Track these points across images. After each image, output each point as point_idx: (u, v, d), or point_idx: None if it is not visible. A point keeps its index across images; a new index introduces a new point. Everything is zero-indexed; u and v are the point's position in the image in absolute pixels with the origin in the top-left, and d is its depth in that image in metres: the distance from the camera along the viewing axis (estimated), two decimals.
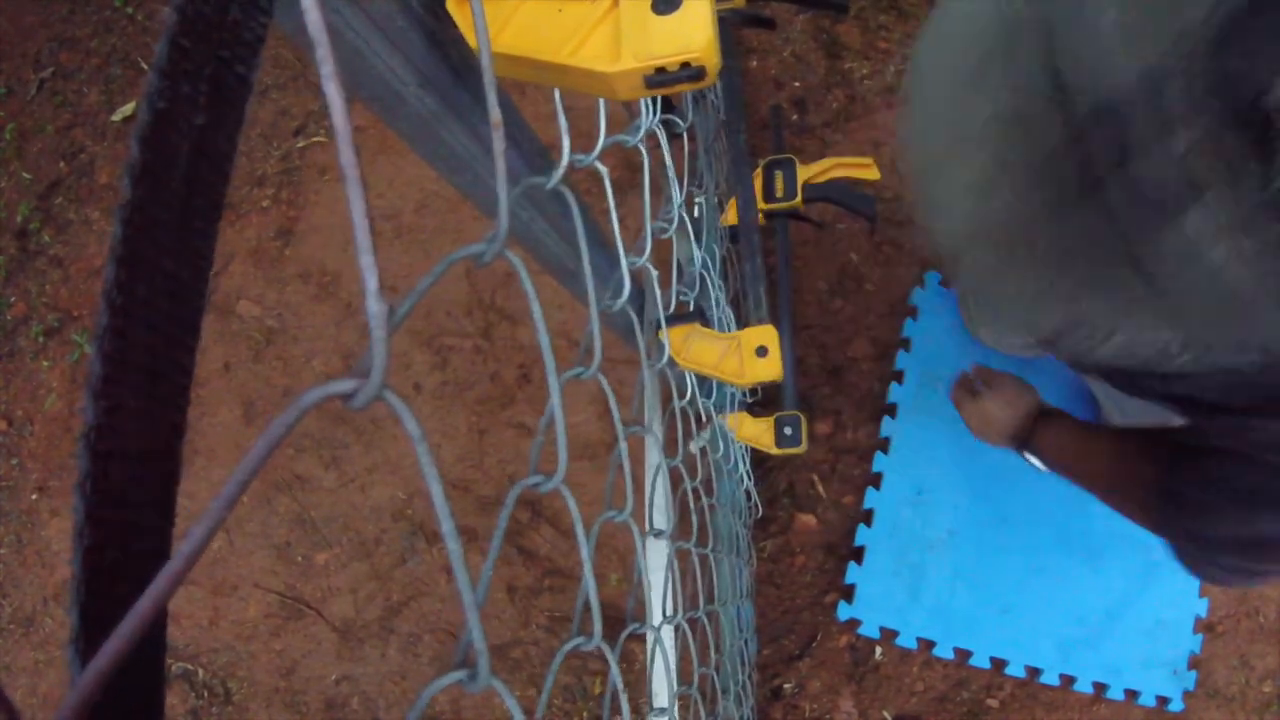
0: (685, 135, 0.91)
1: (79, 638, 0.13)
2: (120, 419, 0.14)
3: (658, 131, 0.52)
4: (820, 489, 1.42)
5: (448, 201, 1.63)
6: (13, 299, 1.76)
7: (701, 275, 0.78)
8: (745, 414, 0.94)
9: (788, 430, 0.89)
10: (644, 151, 0.50)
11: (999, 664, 1.31)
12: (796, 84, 1.60)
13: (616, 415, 0.42)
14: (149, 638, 0.14)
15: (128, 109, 1.83)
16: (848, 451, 1.43)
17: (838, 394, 1.45)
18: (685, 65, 0.28)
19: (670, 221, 0.62)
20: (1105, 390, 1.28)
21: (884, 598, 1.33)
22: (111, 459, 0.14)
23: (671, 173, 0.59)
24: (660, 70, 0.28)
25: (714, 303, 0.83)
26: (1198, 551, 0.69)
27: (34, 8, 1.93)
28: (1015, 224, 0.43)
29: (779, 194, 0.96)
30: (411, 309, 0.21)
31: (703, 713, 0.63)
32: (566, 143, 0.38)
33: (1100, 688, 1.29)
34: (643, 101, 0.51)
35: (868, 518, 1.37)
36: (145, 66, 1.84)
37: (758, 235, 0.84)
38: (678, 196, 0.63)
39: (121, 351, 0.14)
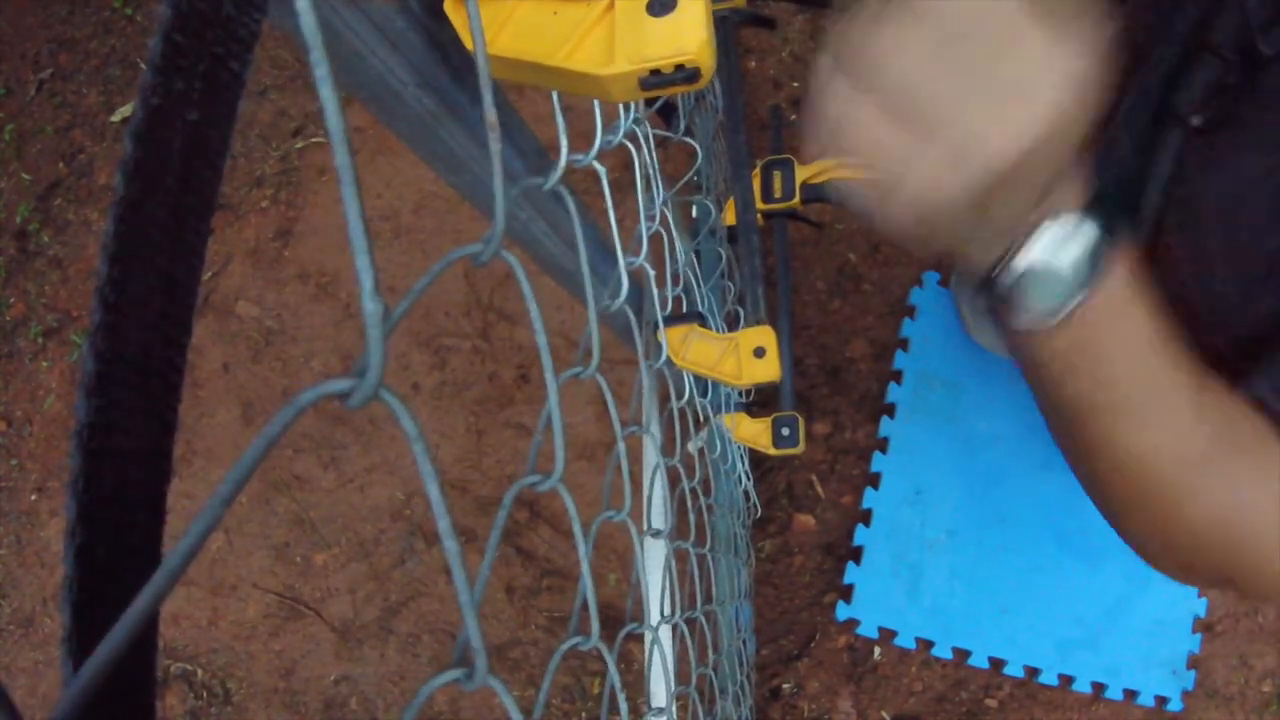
0: (685, 135, 0.90)
1: (71, 636, 0.13)
2: (113, 416, 0.14)
3: (637, 131, 0.52)
4: (819, 489, 1.42)
5: (446, 202, 1.63)
6: (12, 300, 1.76)
7: (686, 273, 0.78)
8: (743, 414, 0.94)
9: (785, 431, 0.89)
10: (633, 151, 0.50)
11: (997, 664, 1.31)
12: (795, 84, 1.60)
13: (615, 415, 0.42)
14: (142, 638, 0.14)
15: (127, 110, 1.83)
16: (846, 452, 1.43)
17: (836, 394, 1.45)
18: (680, 67, 0.28)
19: (653, 219, 0.62)
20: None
21: (882, 598, 1.33)
22: (104, 457, 0.14)
23: (653, 171, 0.59)
24: (655, 72, 0.28)
25: (699, 299, 0.83)
26: None
27: (33, 9, 1.93)
28: None
29: (777, 194, 0.96)
30: (408, 309, 0.21)
31: (701, 713, 0.63)
32: (564, 143, 0.38)
33: (1099, 687, 1.29)
34: (628, 102, 0.51)
35: (866, 518, 1.37)
36: (144, 67, 1.84)
37: (756, 235, 0.84)
38: (658, 195, 0.63)
39: (115, 349, 0.14)
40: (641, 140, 0.53)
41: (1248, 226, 0.50)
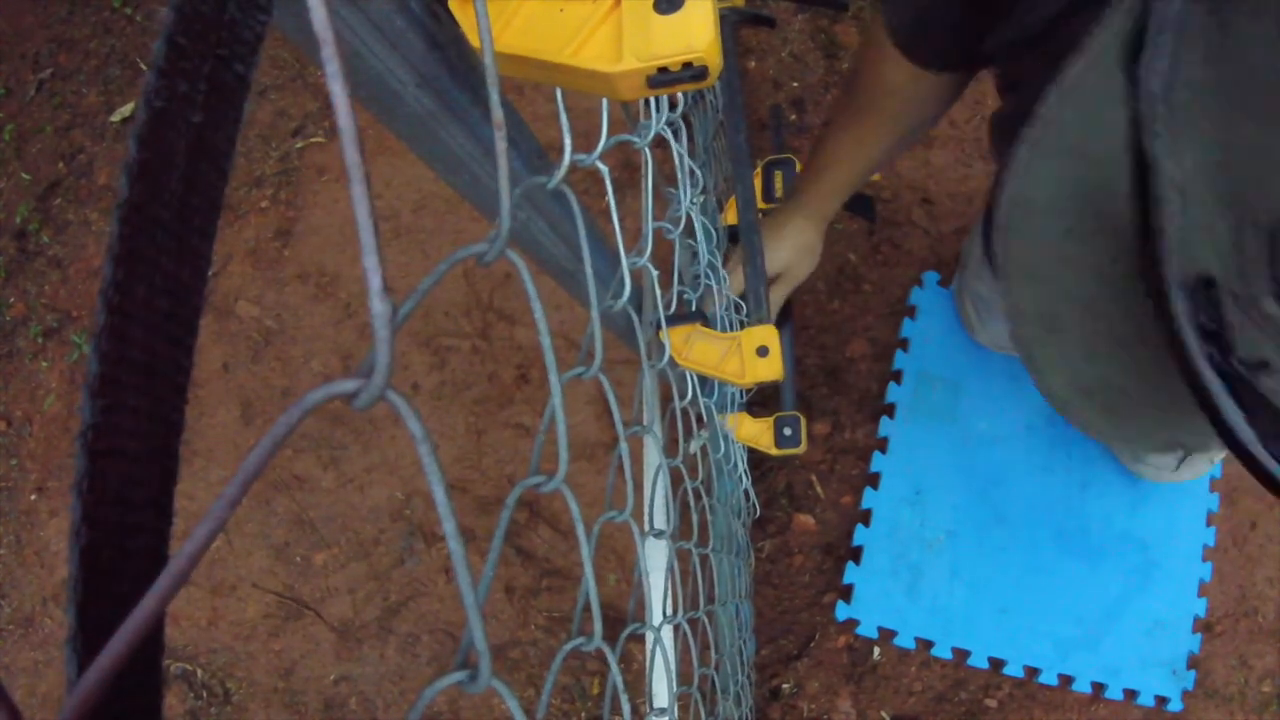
0: (686, 134, 0.91)
1: (77, 636, 0.13)
2: (118, 418, 0.14)
3: (666, 134, 0.51)
4: (818, 489, 1.42)
5: (446, 202, 1.63)
6: (12, 300, 1.76)
7: (707, 273, 0.78)
8: (744, 414, 0.94)
9: (787, 431, 0.89)
10: (646, 152, 0.50)
11: (997, 664, 1.31)
12: (795, 84, 1.60)
13: (617, 415, 0.42)
14: (148, 637, 0.14)
15: (127, 110, 1.83)
16: (846, 452, 1.43)
17: (836, 394, 1.45)
18: (688, 65, 0.28)
19: (677, 222, 0.62)
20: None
21: (882, 598, 1.33)
22: (109, 458, 0.14)
23: (688, 168, 0.59)
24: (663, 70, 0.28)
25: (718, 304, 0.83)
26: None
27: (33, 8, 1.93)
28: (1115, 384, 0.48)
29: (779, 194, 0.96)
30: (414, 309, 0.21)
31: (703, 713, 0.63)
32: (568, 142, 0.38)
33: (1099, 688, 1.29)
34: (649, 102, 0.51)
35: (866, 518, 1.37)
36: (144, 67, 1.84)
37: (758, 235, 0.84)
38: (685, 197, 0.63)
39: (120, 351, 0.14)
40: (671, 138, 0.53)
41: None
